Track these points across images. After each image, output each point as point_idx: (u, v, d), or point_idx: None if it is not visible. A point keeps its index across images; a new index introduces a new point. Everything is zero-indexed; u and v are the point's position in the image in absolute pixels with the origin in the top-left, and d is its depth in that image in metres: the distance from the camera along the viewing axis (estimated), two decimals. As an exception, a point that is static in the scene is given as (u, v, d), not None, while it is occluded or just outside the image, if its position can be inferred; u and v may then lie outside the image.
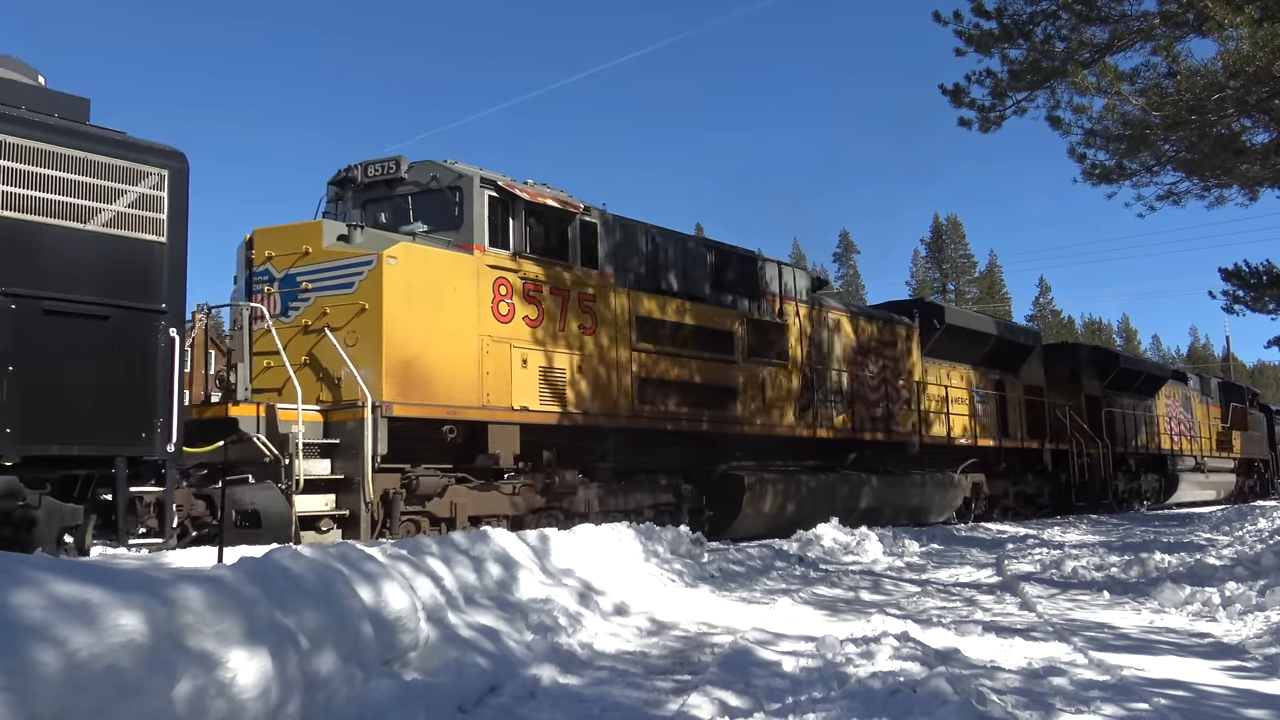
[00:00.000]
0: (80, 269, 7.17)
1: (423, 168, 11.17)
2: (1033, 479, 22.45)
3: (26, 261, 6.87)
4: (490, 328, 10.62)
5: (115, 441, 7.33)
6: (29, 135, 6.94)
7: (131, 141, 7.58)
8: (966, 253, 76.63)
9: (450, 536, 6.06)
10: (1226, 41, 9.86)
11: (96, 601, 2.64)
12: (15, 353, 6.74)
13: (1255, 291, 15.23)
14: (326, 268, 10.05)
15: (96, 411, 7.24)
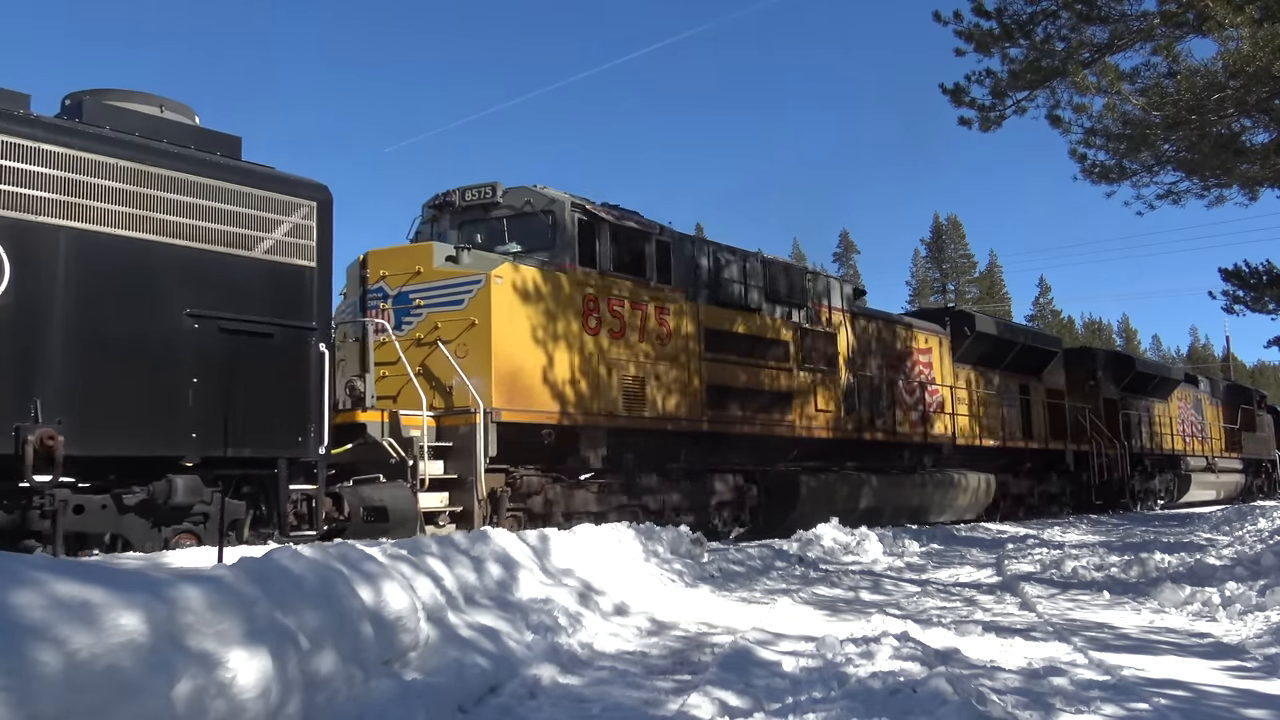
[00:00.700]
0: (248, 292, 8.12)
1: (517, 193, 12.11)
2: (1056, 479, 23.25)
3: (206, 287, 7.81)
4: (582, 340, 11.60)
5: (277, 445, 8.25)
6: (209, 175, 7.95)
7: (287, 177, 8.60)
8: (966, 253, 76.59)
9: (450, 536, 6.07)
10: (1226, 41, 9.86)
11: (96, 601, 2.65)
12: (199, 368, 7.70)
13: (1255, 291, 15.24)
14: (437, 286, 11.01)
15: (262, 418, 8.13)
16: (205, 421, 7.72)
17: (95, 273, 7.28)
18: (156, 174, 7.65)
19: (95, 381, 7.25)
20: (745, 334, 13.89)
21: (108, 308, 7.35)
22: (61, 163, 7.17)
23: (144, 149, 7.64)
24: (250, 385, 8.02)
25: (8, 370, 6.88)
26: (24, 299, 6.90)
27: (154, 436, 7.58)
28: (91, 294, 7.26)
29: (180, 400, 7.63)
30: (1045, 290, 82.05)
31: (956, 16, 10.70)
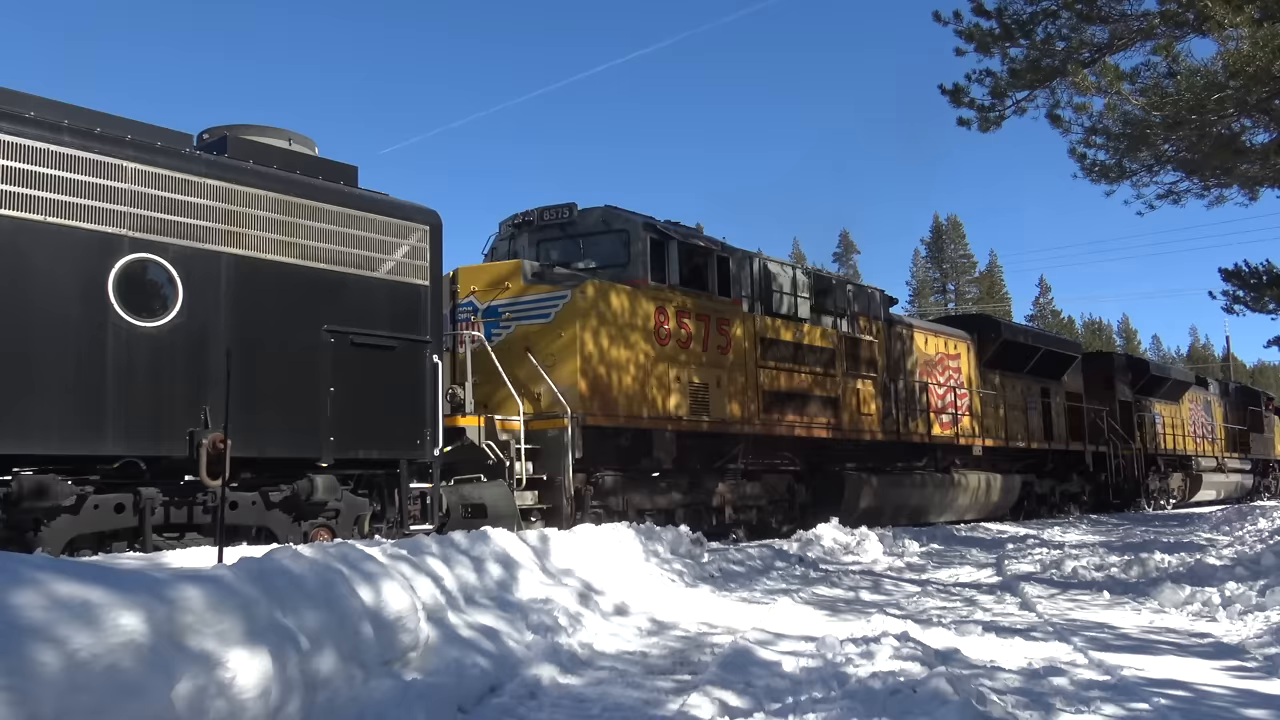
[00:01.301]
0: (373, 310, 9.09)
1: (592, 213, 13.06)
2: (1076, 479, 24.12)
3: (339, 305, 8.79)
4: (653, 349, 12.46)
5: (399, 447, 9.24)
6: (340, 204, 8.93)
7: (405, 204, 9.59)
8: (966, 253, 76.57)
9: (450, 536, 6.07)
10: (1227, 41, 9.86)
11: (96, 601, 2.65)
12: (334, 378, 8.66)
13: (1255, 291, 15.23)
14: (525, 300, 11.88)
15: (386, 423, 9.11)
16: (340, 426, 8.71)
17: (249, 294, 8.21)
18: (298, 204, 8.61)
19: (254, 392, 8.05)
20: (795, 342, 14.82)
21: (260, 325, 8.28)
22: (222, 195, 8.10)
23: (287, 182, 8.62)
24: (376, 393, 9.03)
25: (181, 381, 7.81)
26: (193, 318, 7.86)
27: (300, 440, 8.54)
28: (247, 313, 8.19)
29: (320, 407, 8.61)
30: (1045, 290, 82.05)
31: (956, 16, 10.70)
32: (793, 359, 14.70)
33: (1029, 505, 21.76)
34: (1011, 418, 21.06)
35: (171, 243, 7.78)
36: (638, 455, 12.28)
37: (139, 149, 7.68)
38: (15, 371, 6.98)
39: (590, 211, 13.08)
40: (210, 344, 7.90)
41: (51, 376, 7.13)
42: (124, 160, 7.54)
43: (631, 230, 12.67)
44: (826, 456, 15.62)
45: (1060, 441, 22.96)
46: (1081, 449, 23.72)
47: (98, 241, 7.39)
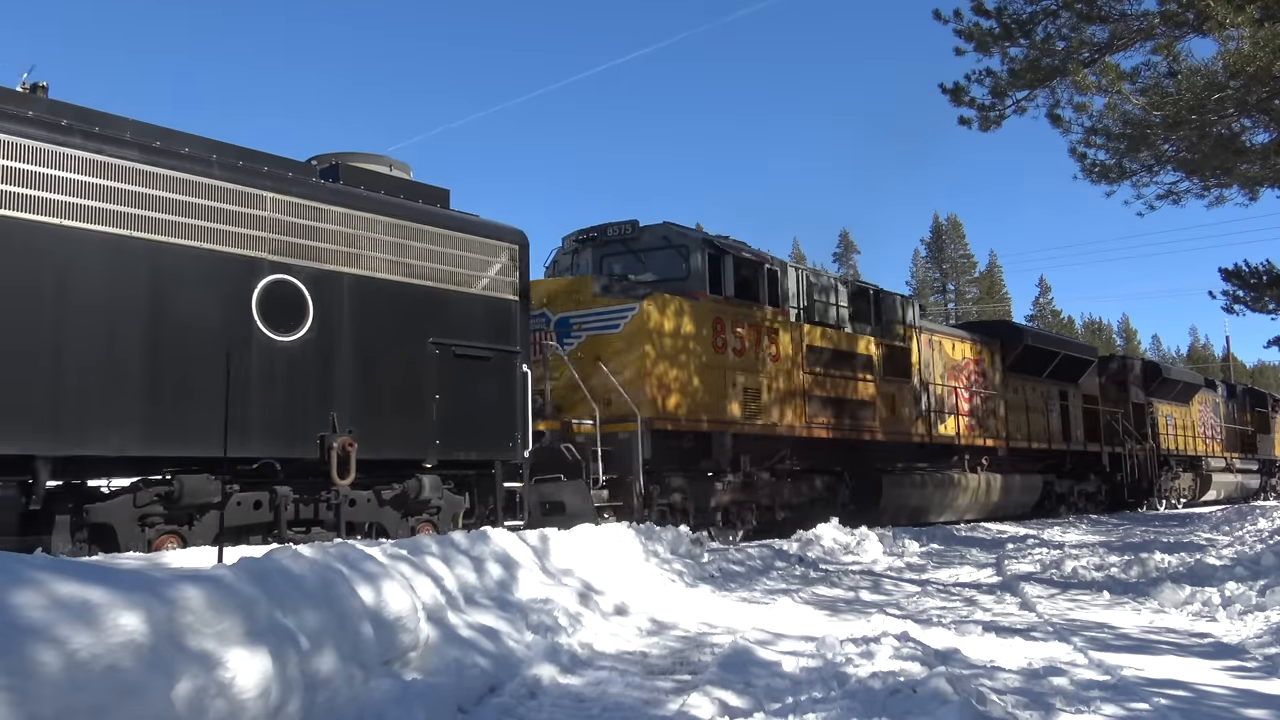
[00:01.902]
0: (471, 323, 9.97)
1: (654, 230, 13.96)
2: (1094, 478, 25.10)
3: (442, 319, 9.66)
4: (711, 357, 13.27)
5: (494, 449, 10.13)
6: (441, 226, 9.83)
7: (497, 226, 10.51)
8: (966, 253, 76.55)
9: (450, 536, 6.07)
10: (1227, 41, 9.86)
11: (96, 601, 2.64)
12: (439, 386, 9.52)
13: (1255, 291, 15.23)
14: (595, 312, 12.72)
15: (482, 427, 9.99)
16: (443, 430, 9.57)
17: (367, 310, 9.08)
18: (406, 227, 9.48)
19: (372, 399, 9.05)
20: (835, 349, 15.70)
21: (375, 338, 9.13)
22: (343, 220, 8.98)
23: (397, 207, 9.51)
24: (474, 400, 9.88)
25: (312, 391, 8.65)
26: (322, 333, 8.71)
27: (411, 443, 9.41)
28: (364, 327, 9.05)
29: (427, 413, 9.47)
30: (1045, 290, 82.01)
31: (956, 16, 10.69)
32: (834, 365, 15.60)
33: (1049, 504, 22.57)
34: (1033, 420, 21.91)
35: (303, 264, 8.63)
36: (698, 456, 13.14)
37: (275, 179, 8.56)
38: (178, 382, 7.81)
39: (651, 228, 13.98)
40: (335, 356, 8.84)
41: (206, 386, 7.75)
42: (264, 191, 8.41)
43: (691, 246, 13.62)
44: (864, 457, 16.39)
45: (1078, 442, 23.79)
46: (1099, 450, 24.57)
47: (244, 264, 8.25)
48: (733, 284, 13.81)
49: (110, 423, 7.41)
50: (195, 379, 7.81)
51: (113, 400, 7.43)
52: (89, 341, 7.37)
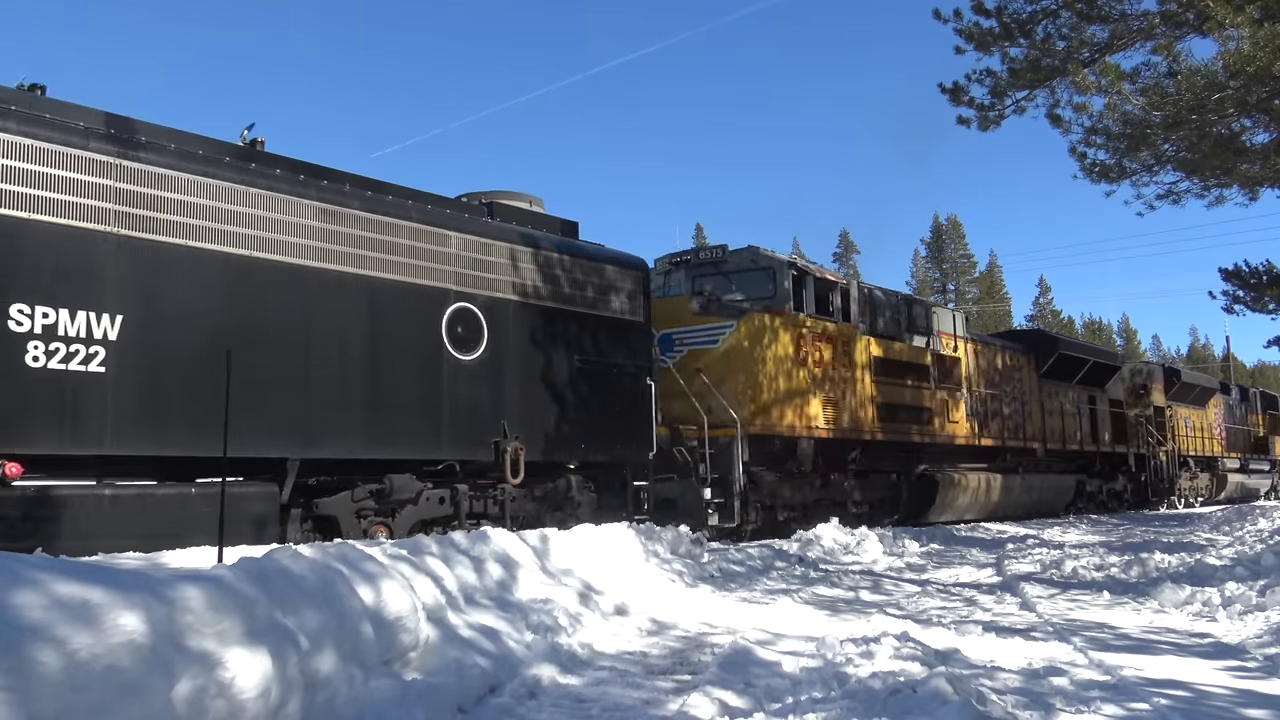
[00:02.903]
0: (607, 341, 11.49)
1: (741, 253, 15.30)
2: (1121, 478, 26.36)
3: (584, 338, 11.19)
4: (795, 369, 14.60)
5: (626, 452, 11.66)
6: (581, 257, 11.46)
7: (623, 256, 12.20)
8: (966, 253, 76.51)
9: (450, 536, 6.07)
10: (1227, 41, 9.85)
11: (96, 601, 2.64)
12: (583, 397, 11.08)
13: (1255, 291, 15.20)
14: (695, 329, 14.15)
15: (616, 433, 11.44)
16: (585, 436, 11.06)
17: (527, 332, 10.60)
18: (555, 258, 11.08)
19: (531, 409, 10.52)
20: (898, 360, 17.01)
21: (534, 357, 10.65)
22: (507, 254, 10.53)
23: (546, 240, 11.05)
24: (609, 409, 11.36)
25: (487, 402, 10.12)
26: (495, 352, 10.23)
27: (560, 447, 10.87)
28: (526, 347, 10.58)
29: (573, 421, 10.93)
30: (1045, 290, 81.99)
31: (956, 15, 10.67)
32: (895, 374, 16.89)
33: (1080, 502, 23.94)
34: (1066, 423, 23.30)
35: (479, 293, 10.16)
36: (784, 458, 14.49)
37: (458, 221, 10.17)
38: (389, 396, 9.27)
39: (738, 252, 15.33)
40: (504, 372, 10.32)
41: (410, 400, 9.41)
42: (449, 230, 10.00)
43: (777, 268, 14.90)
44: (919, 459, 17.84)
45: (1106, 445, 25.23)
46: (1125, 451, 26.05)
47: (436, 295, 9.78)
48: (813, 301, 15.17)
49: (341, 431, 8.89)
50: (402, 394, 9.36)
51: (343, 412, 8.91)
52: (326, 364, 8.85)
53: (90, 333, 7.47)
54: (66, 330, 7.36)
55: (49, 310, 7.28)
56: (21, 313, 7.14)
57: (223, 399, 7.00)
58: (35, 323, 7.21)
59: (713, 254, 15.53)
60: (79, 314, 7.42)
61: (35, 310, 7.21)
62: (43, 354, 7.24)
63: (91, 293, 7.48)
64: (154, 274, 7.85)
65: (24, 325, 7.15)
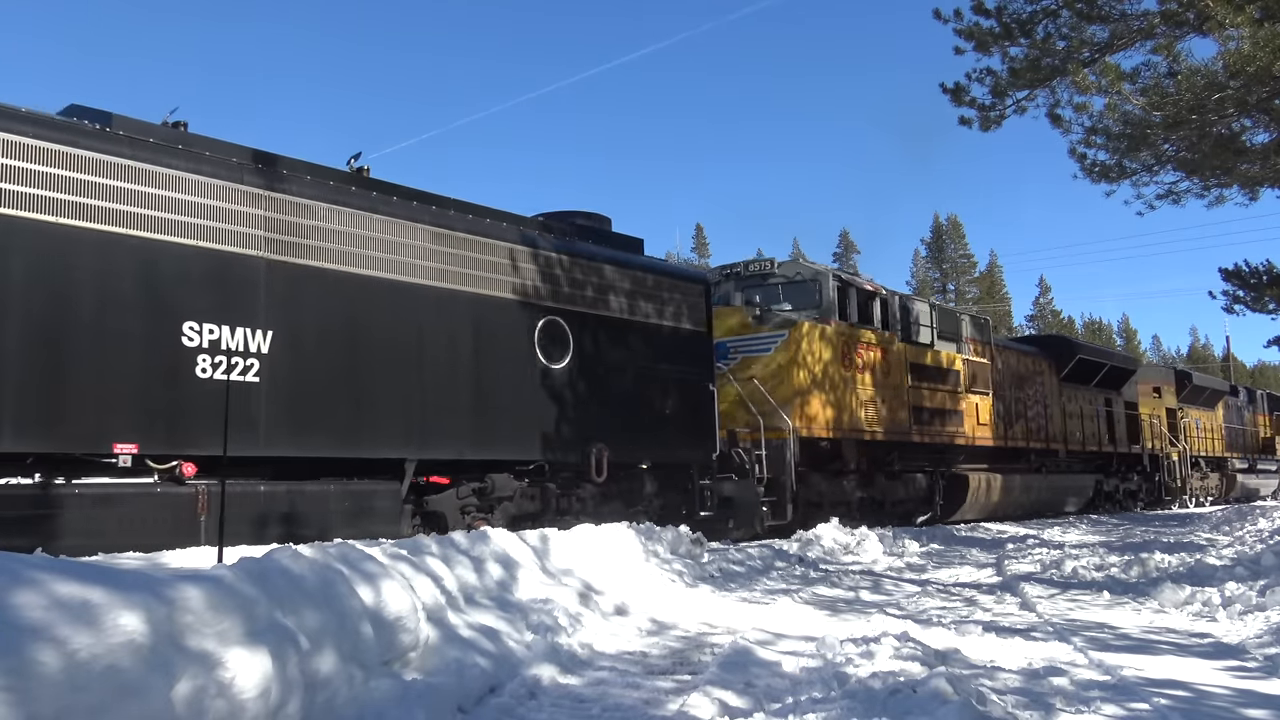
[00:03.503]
0: (675, 351, 12.57)
1: (789, 265, 16.65)
2: (1136, 478, 27.41)
3: (655, 348, 12.32)
4: (840, 375, 15.63)
5: (692, 453, 12.73)
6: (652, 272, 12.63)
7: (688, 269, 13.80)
8: (966, 253, 76.54)
9: (450, 536, 6.07)
10: (1227, 41, 9.84)
11: (96, 601, 2.64)
12: (655, 402, 12.16)
13: (1255, 291, 15.19)
14: (749, 338, 15.21)
15: (684, 436, 12.54)
16: (657, 438, 12.10)
17: (606, 343, 11.69)
18: (629, 274, 12.15)
19: (610, 413, 11.54)
20: (932, 366, 18.07)
21: (613, 365, 11.69)
22: (588, 271, 11.61)
23: (622, 259, 12.20)
24: (678, 414, 12.38)
25: (573, 407, 11.06)
26: (579, 361, 11.25)
27: (636, 448, 11.89)
28: (605, 357, 11.62)
29: (647, 424, 11.97)
30: (1045, 290, 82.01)
31: (956, 15, 10.66)
32: (930, 379, 17.97)
33: (1098, 501, 25.00)
34: (1085, 425, 24.41)
35: (566, 308, 11.15)
36: (831, 458, 15.58)
37: (547, 241, 11.26)
38: (492, 402, 10.25)
39: (787, 264, 16.67)
40: (587, 380, 11.33)
41: (508, 405, 10.41)
42: (540, 249, 11.08)
43: (823, 280, 15.99)
44: (951, 459, 18.85)
45: (1123, 445, 26.31)
46: (1140, 451, 27.20)
47: (530, 309, 10.79)
48: (856, 311, 16.27)
49: (452, 435, 9.88)
50: (501, 400, 10.35)
51: (453, 417, 9.92)
52: (438, 373, 9.83)
53: (247, 346, 8.44)
54: (228, 344, 8.33)
55: (214, 327, 8.25)
56: (191, 329, 8.11)
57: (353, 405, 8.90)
58: (203, 338, 8.19)
59: (761, 266, 16.59)
60: (238, 330, 8.39)
61: (203, 327, 8.18)
62: (209, 366, 8.20)
63: (247, 311, 8.46)
64: (296, 293, 8.82)
65: (194, 340, 8.13)
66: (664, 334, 12.45)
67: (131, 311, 7.81)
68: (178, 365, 7.96)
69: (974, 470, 19.22)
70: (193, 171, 8.27)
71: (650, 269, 12.65)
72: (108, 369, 7.65)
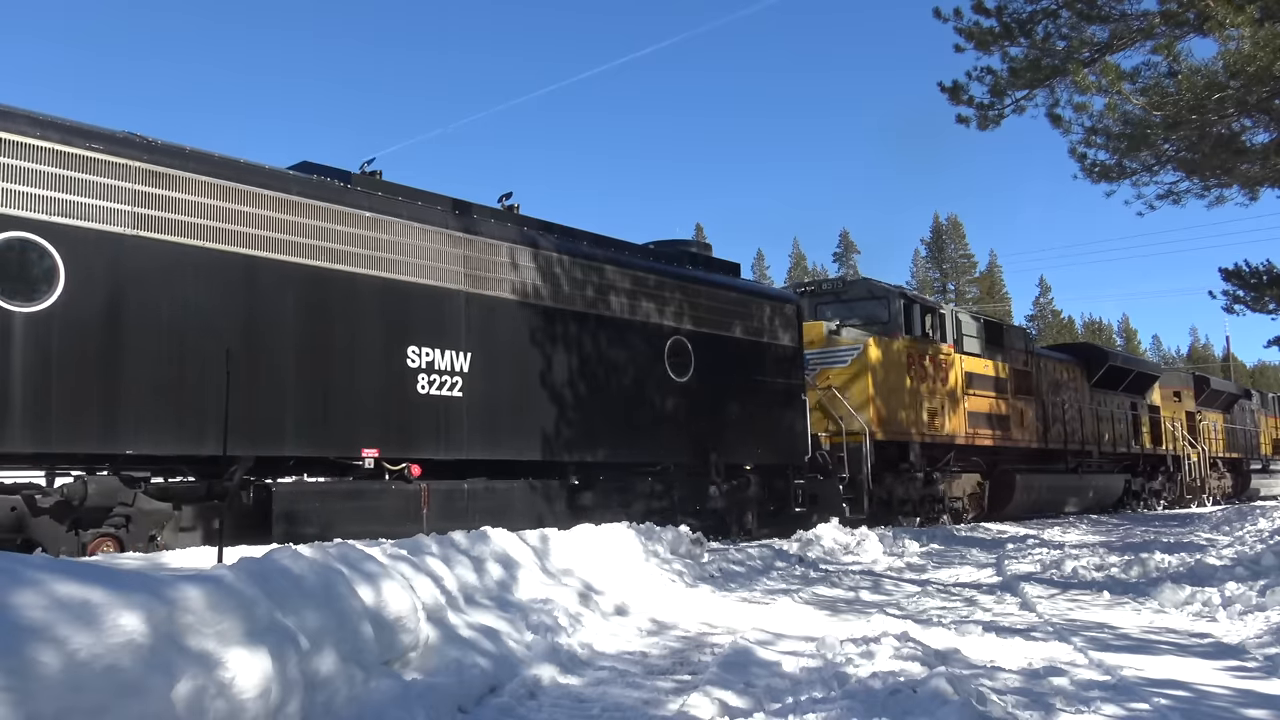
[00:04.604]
0: (775, 365, 14.30)
1: (859, 284, 18.53)
2: (1160, 478, 29.02)
3: (758, 362, 13.97)
4: (907, 383, 17.43)
5: (789, 456, 14.47)
6: (756, 295, 14.50)
7: (782, 291, 15.84)
8: (966, 253, 76.56)
9: (450, 536, 6.06)
10: (1227, 41, 9.85)
11: (96, 601, 2.64)
12: (758, 411, 13.82)
13: (1255, 291, 15.19)
14: (828, 350, 16.76)
15: (782, 440, 14.31)
16: (760, 441, 13.85)
17: (720, 358, 13.37)
18: (737, 297, 13.92)
19: (723, 420, 13.24)
20: (983, 374, 19.88)
21: (726, 379, 13.35)
22: (704, 295, 13.30)
23: (730, 284, 14.07)
24: (777, 421, 14.19)
25: (694, 415, 12.75)
26: (699, 376, 12.93)
27: (744, 451, 13.60)
28: (720, 370, 13.27)
29: (753, 430, 13.66)
30: (1045, 290, 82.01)
31: (956, 14, 10.66)
32: (982, 386, 19.75)
33: (1126, 499, 26.50)
34: (1116, 428, 26.11)
35: (688, 328, 12.84)
36: (897, 460, 17.06)
37: (678, 271, 13.09)
38: (633, 411, 12.04)
39: (856, 282, 18.60)
40: (705, 391, 12.93)
41: (644, 414, 12.17)
42: (667, 278, 12.82)
43: (890, 297, 17.73)
44: (997, 460, 20.60)
45: (1148, 447, 27.96)
46: (1164, 452, 29.00)
47: (661, 330, 12.51)
48: (919, 325, 17.95)
49: (603, 443, 11.59)
50: (640, 410, 12.09)
51: (606, 424, 11.64)
52: (594, 387, 11.56)
53: (453, 366, 10.08)
54: (439, 365, 9.95)
55: (429, 350, 9.88)
56: (414, 352, 9.74)
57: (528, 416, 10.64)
58: (421, 360, 9.80)
59: (833, 285, 18.95)
60: (446, 353, 10.03)
61: (421, 350, 9.80)
62: (426, 383, 9.81)
63: (453, 336, 10.10)
64: (488, 321, 10.50)
65: (415, 362, 9.75)
66: (764, 349, 14.10)
67: (373, 339, 9.44)
68: (404, 383, 9.62)
69: (1019, 470, 20.82)
70: (415, 219, 9.91)
71: (751, 291, 14.53)
72: (357, 386, 9.27)
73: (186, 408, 8.00)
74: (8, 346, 7.17)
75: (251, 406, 8.34)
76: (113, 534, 7.98)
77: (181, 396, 7.98)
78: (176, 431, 7.97)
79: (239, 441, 8.16)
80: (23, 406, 7.17)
